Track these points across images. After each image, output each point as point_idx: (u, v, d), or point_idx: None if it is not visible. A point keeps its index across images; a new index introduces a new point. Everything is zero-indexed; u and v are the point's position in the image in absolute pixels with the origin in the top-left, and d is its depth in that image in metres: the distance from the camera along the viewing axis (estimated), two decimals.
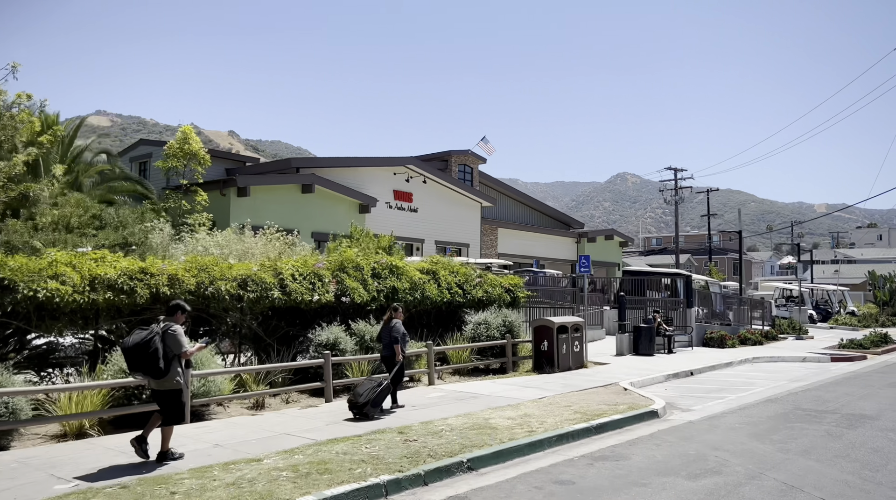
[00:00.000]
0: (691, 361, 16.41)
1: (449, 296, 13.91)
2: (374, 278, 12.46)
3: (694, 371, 14.93)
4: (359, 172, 31.66)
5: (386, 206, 32.73)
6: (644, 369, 14.53)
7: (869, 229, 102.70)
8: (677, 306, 20.85)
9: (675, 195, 61.40)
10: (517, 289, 16.18)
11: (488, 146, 39.86)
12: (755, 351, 19.44)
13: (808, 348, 21.08)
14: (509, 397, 10.51)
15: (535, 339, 13.98)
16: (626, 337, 17.54)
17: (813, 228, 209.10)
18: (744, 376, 14.72)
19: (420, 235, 34.50)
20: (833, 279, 62.93)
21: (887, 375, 14.98)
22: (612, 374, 13.66)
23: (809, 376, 14.83)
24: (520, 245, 43.19)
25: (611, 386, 12.11)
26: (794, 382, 13.74)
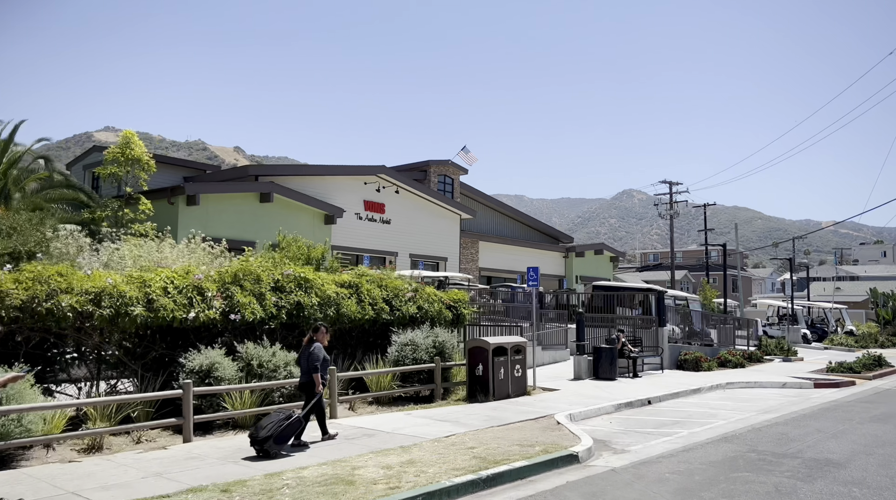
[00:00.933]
0: (655, 387, 14.71)
1: (373, 313, 12.31)
2: (276, 292, 10.90)
3: (652, 400, 13.23)
4: (326, 180, 30.24)
5: (355, 217, 31.23)
6: (596, 397, 12.85)
7: (873, 246, 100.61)
8: (650, 324, 19.17)
9: (671, 209, 59.98)
10: (461, 305, 14.58)
11: (469, 156, 38.44)
12: (732, 375, 17.70)
13: (792, 371, 19.32)
14: (411, 436, 8.88)
15: (470, 362, 12.35)
16: (585, 360, 15.87)
17: (821, 245, 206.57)
18: (709, 405, 13.02)
19: (393, 249, 32.97)
20: (834, 297, 60.97)
21: (872, 405, 13.24)
22: (556, 403, 12.00)
23: (784, 405, 13.12)
24: (503, 259, 41.56)
25: (543, 419, 10.45)
26: (764, 413, 12.04)
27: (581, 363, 15.76)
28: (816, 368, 20.32)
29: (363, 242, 31.31)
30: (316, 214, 28.69)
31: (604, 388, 14.36)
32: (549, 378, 15.56)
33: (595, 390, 14.03)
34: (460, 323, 14.80)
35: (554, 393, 13.34)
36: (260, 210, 26.42)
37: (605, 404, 12.11)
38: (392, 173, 32.51)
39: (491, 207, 43.18)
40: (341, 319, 11.64)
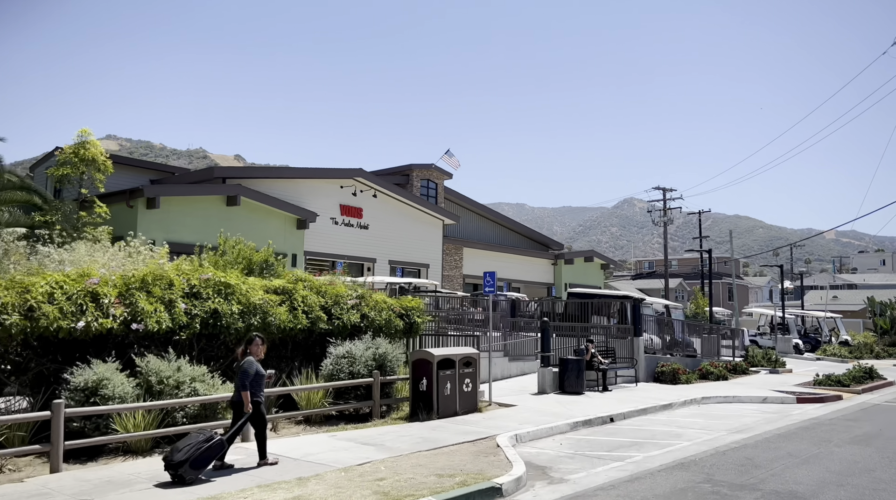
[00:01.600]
0: (622, 402, 13.62)
1: (307, 322, 11.25)
2: (190, 298, 9.85)
3: (616, 417, 12.15)
4: (300, 184, 29.25)
5: (331, 222, 30.21)
6: (554, 414, 11.76)
7: (872, 254, 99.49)
8: (625, 334, 18.09)
9: (664, 216, 59.06)
10: (414, 313, 13.51)
11: (453, 160, 37.46)
12: (711, 389, 16.60)
13: (777, 384, 18.22)
14: (319, 464, 7.81)
15: (414, 376, 11.27)
16: (550, 372, 14.78)
17: (822, 254, 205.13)
18: (677, 423, 11.93)
19: (371, 255, 31.95)
20: (831, 306, 59.78)
21: (856, 424, 12.15)
22: (505, 422, 10.91)
23: (759, 424, 12.03)
24: (489, 266, 40.35)
25: (483, 442, 9.37)
26: (735, 433, 10.96)
27: (545, 376, 14.67)
28: (804, 380, 19.23)
29: (339, 247, 30.29)
30: (287, 218, 27.67)
31: (567, 403, 13.27)
32: (512, 392, 14.48)
33: (556, 405, 12.94)
34: (414, 333, 13.74)
35: (509, 410, 12.25)
36: (227, 214, 25.39)
37: (561, 422, 11.03)
38: (370, 177, 31.54)
39: (477, 213, 42.19)
40: (268, 328, 10.58)
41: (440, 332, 17.49)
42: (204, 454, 7.14)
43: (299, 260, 28.10)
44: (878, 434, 10.93)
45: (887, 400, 16.01)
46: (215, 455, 7.32)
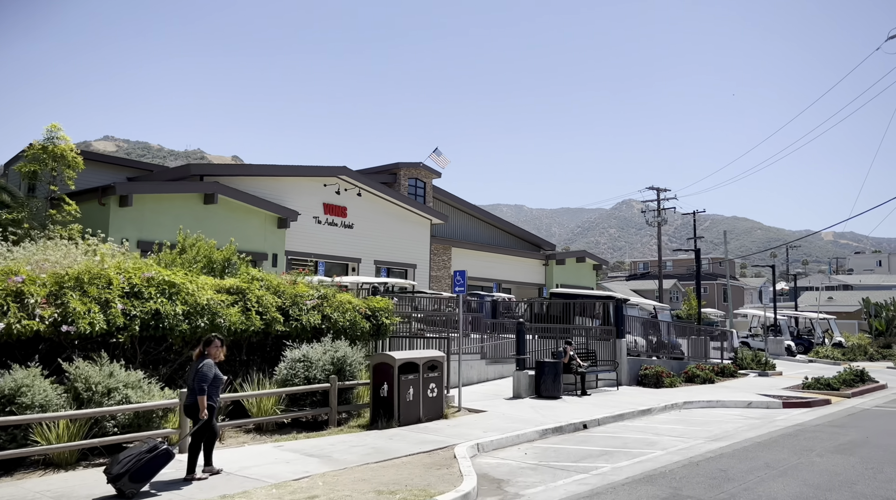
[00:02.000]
0: (600, 407, 13.01)
1: (261, 324, 10.63)
2: (130, 298, 9.23)
3: (590, 423, 11.54)
4: (281, 182, 28.61)
5: (314, 221, 29.57)
6: (524, 421, 11.15)
7: (869, 255, 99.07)
8: (608, 336, 17.49)
9: (658, 216, 58.55)
10: (382, 314, 12.90)
11: (441, 158, 36.89)
12: (695, 393, 16.01)
13: (765, 388, 17.63)
14: (253, 479, 7.19)
15: (374, 381, 10.65)
16: (526, 375, 14.17)
17: (820, 256, 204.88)
18: (654, 430, 11.33)
19: (356, 255, 31.33)
20: (827, 307, 59.28)
21: (842, 431, 11.55)
22: (470, 430, 10.30)
23: (740, 431, 11.43)
24: (478, 267, 39.87)
25: (440, 452, 8.76)
26: (713, 441, 10.36)
27: (521, 380, 14.07)
28: (793, 384, 18.65)
29: (322, 247, 29.66)
30: (267, 216, 27.04)
31: (541, 408, 12.66)
32: (486, 397, 13.87)
33: (529, 411, 12.33)
34: (382, 335, 13.13)
35: (478, 416, 11.64)
36: (204, 212, 24.77)
37: (530, 429, 10.42)
38: (354, 175, 30.90)
39: (467, 213, 41.58)
40: (218, 330, 9.96)
41: (418, 334, 16.90)
42: (146, 465, 6.63)
43: (280, 260, 27.48)
44: (864, 442, 10.34)
45: (878, 405, 15.43)
46: (160, 466, 6.78)
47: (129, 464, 6.55)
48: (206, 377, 7.20)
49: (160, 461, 6.75)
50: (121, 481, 6.49)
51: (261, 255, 26.74)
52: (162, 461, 6.77)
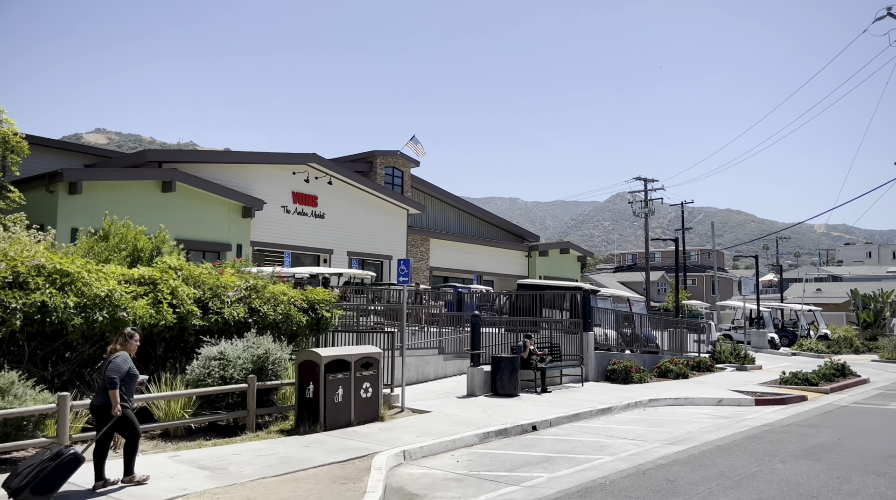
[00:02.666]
0: (556, 406, 12.09)
1: (174, 318, 9.62)
2: (13, 289, 8.21)
3: (541, 424, 10.62)
4: (247, 169, 27.51)
5: (282, 210, 28.52)
6: (467, 423, 10.21)
7: (859, 246, 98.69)
8: (576, 329, 16.56)
9: (645, 207, 57.78)
10: (322, 306, 11.91)
11: (418, 147, 35.78)
12: (665, 389, 15.11)
13: (740, 383, 16.77)
14: (112, 497, 6.24)
15: (301, 381, 9.67)
16: (481, 372, 13.24)
17: (813, 248, 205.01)
18: (610, 432, 10.41)
19: (327, 246, 30.31)
20: (815, 298, 58.72)
21: (812, 432, 10.67)
22: (404, 434, 9.36)
23: (703, 432, 10.53)
24: (458, 258, 38.93)
25: (358, 462, 7.81)
26: (670, 445, 9.45)
27: (475, 377, 13.12)
28: (770, 378, 17.81)
29: (291, 237, 28.63)
30: (231, 205, 25.96)
31: (492, 408, 11.72)
32: (438, 395, 12.93)
33: (478, 411, 11.39)
34: (323, 329, 12.13)
35: (419, 418, 10.69)
36: (162, 201, 23.68)
37: (470, 433, 9.48)
38: (325, 163, 29.81)
39: (447, 203, 40.55)
40: (120, 325, 8.95)
41: (377, 328, 15.94)
42: (50, 475, 5.93)
43: (246, 251, 26.44)
44: (835, 446, 9.45)
45: (856, 401, 14.60)
46: (67, 474, 6.06)
47: (31, 475, 5.86)
48: (119, 371, 6.52)
49: (67, 468, 6.03)
50: (22, 495, 5.79)
51: (224, 246, 25.70)
52: (69, 469, 6.05)
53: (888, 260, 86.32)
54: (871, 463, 8.34)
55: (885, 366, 24.43)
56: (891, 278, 71.60)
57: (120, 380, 6.46)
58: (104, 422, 6.47)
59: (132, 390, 6.73)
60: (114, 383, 6.40)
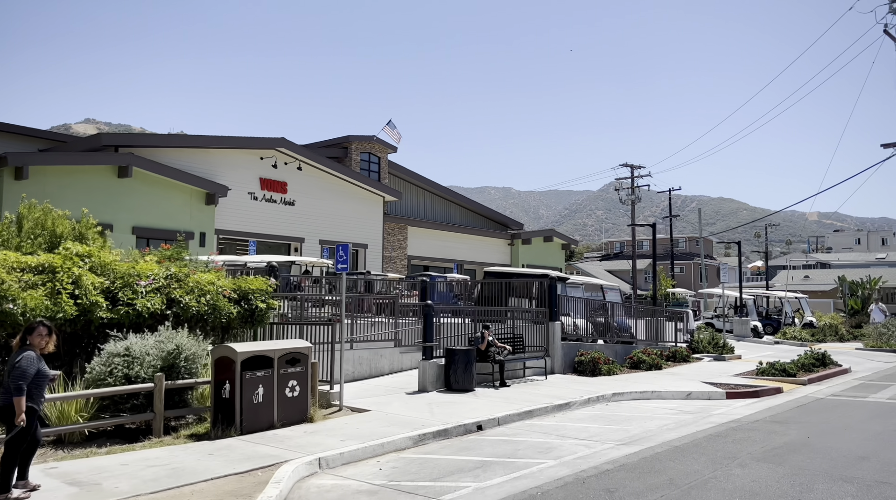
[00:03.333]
0: (511, 402, 11.23)
1: (74, 310, 8.66)
2: None
3: (487, 424, 9.75)
4: (211, 155, 26.44)
5: (249, 197, 27.51)
6: (407, 423, 9.33)
7: (848, 233, 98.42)
8: (544, 318, 15.70)
9: (632, 194, 57.02)
10: (257, 297, 10.98)
11: (395, 132, 34.75)
12: (633, 382, 14.29)
13: (715, 374, 15.99)
14: None
15: (216, 379, 8.73)
16: (434, 366, 12.36)
17: (805, 236, 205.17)
18: (561, 431, 9.57)
19: (298, 234, 29.33)
20: (803, 285, 58.23)
21: (781, 429, 9.85)
22: (330, 438, 8.47)
23: (664, 430, 9.70)
24: (437, 247, 38.01)
25: (261, 472, 6.91)
26: (624, 445, 8.61)
27: (427, 371, 12.24)
28: (748, 369, 17.04)
29: (259, 225, 27.62)
30: (194, 192, 24.93)
31: (440, 405, 10.85)
32: (386, 391, 12.05)
33: (423, 410, 10.51)
34: (258, 322, 11.20)
35: (355, 418, 9.81)
36: (118, 187, 22.63)
37: (405, 434, 8.59)
38: (295, 148, 28.76)
39: (426, 190, 39.55)
40: (8, 319, 8.00)
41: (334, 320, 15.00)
42: None
43: (210, 239, 25.43)
44: (803, 446, 8.63)
45: (834, 393, 13.82)
46: None
47: None
48: (24, 373, 5.96)
49: None
50: None
51: (186, 233, 24.63)
52: None
53: (877, 247, 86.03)
54: (840, 467, 7.52)
55: (870, 354, 23.75)
56: (879, 264, 71.25)
57: (27, 384, 5.95)
58: (11, 428, 5.94)
59: (42, 390, 6.22)
60: (20, 389, 5.89)
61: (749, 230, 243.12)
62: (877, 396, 13.41)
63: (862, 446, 8.60)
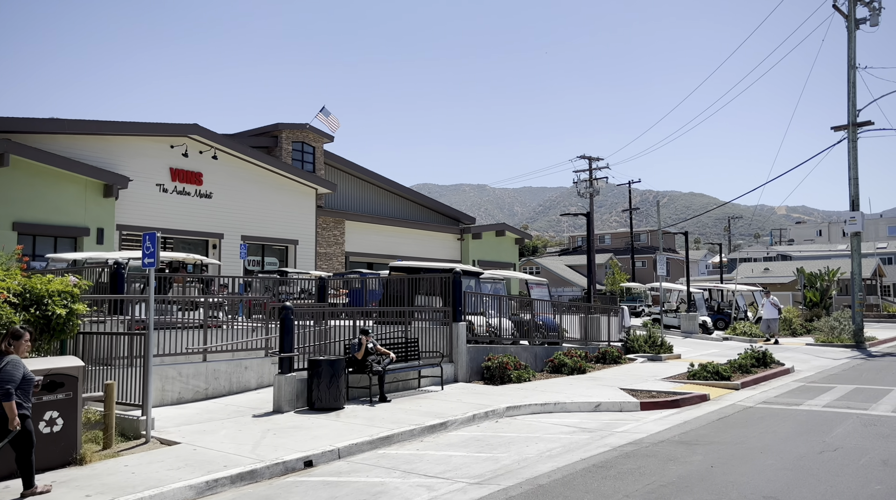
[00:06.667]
0: (378, 423, 9.27)
1: None
2: None
3: (322, 458, 7.75)
4: (113, 142, 23.97)
5: (157, 188, 25.10)
6: (211, 461, 7.30)
7: (810, 225, 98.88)
8: (448, 319, 13.79)
9: (590, 187, 55.83)
10: (58, 301, 8.82)
11: (330, 119, 32.51)
12: (539, 391, 12.43)
13: (641, 378, 14.27)
14: None
15: None
16: (292, 381, 10.34)
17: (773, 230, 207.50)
18: (413, 464, 7.64)
19: (217, 229, 26.98)
20: (762, 278, 57.57)
21: (683, 454, 8.06)
22: (79, 491, 6.42)
23: (542, 458, 7.84)
24: (381, 242, 35.91)
25: None
26: (476, 486, 6.72)
27: (282, 387, 10.21)
28: (681, 371, 15.36)
29: (170, 220, 25.21)
30: (89, 183, 22.47)
31: (279, 433, 8.82)
32: (229, 414, 9.97)
33: (252, 440, 8.46)
34: (60, 333, 9.04)
35: (151, 454, 7.73)
36: None
37: (186, 482, 6.53)
38: (210, 135, 26.38)
39: (368, 182, 37.43)
40: None
41: (210, 324, 12.91)
42: None
43: (110, 235, 23.01)
44: (700, 480, 6.83)
45: (766, 400, 12.18)
46: None
47: None
48: (11, 378, 5.99)
49: None
50: None
51: (81, 230, 22.21)
52: None
53: (838, 239, 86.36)
54: None
55: (819, 350, 22.43)
56: (840, 256, 71.22)
57: (15, 388, 5.98)
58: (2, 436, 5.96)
59: (29, 395, 6.25)
60: (8, 395, 5.91)
61: (720, 224, 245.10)
62: (813, 402, 11.79)
63: (773, 480, 6.84)
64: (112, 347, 9.51)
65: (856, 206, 24.75)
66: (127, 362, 9.56)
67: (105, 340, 9.72)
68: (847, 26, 24.28)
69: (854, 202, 24.78)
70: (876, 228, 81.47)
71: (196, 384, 11.04)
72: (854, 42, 24.13)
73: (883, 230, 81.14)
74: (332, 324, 12.38)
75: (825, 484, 6.62)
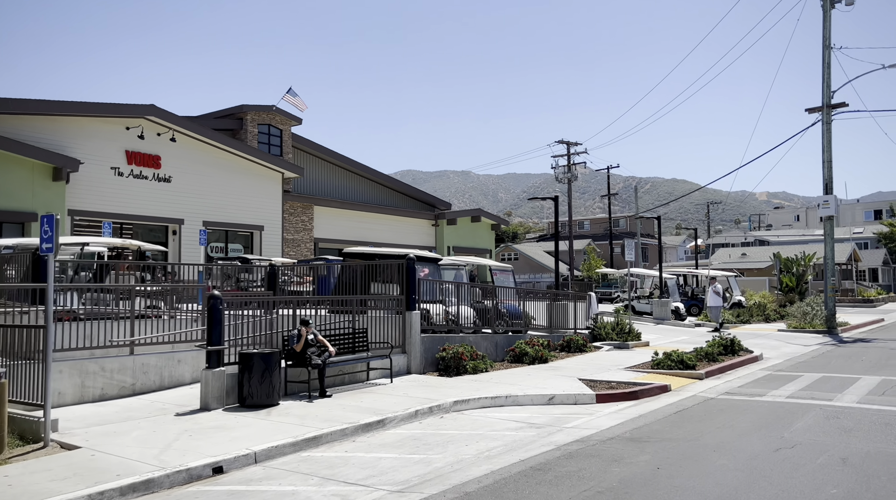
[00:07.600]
0: (309, 422, 8.58)
1: None
2: None
3: (234, 462, 7.02)
4: (64, 123, 22.81)
5: (112, 172, 24.01)
6: (107, 469, 6.56)
7: (787, 210, 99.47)
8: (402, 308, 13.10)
9: (568, 172, 55.45)
10: None
11: (297, 100, 31.40)
12: (493, 383, 11.83)
13: (604, 367, 13.73)
14: None
15: None
16: (221, 376, 9.60)
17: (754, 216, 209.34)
18: (335, 469, 6.97)
19: (177, 214, 25.95)
20: (739, 264, 57.61)
21: (630, 453, 7.47)
22: None
23: (479, 460, 7.22)
24: (351, 228, 35.01)
25: None
26: (396, 494, 6.09)
27: (210, 383, 9.47)
28: (645, 360, 14.86)
29: (126, 205, 24.17)
30: (36, 166, 21.37)
31: (198, 434, 8.09)
32: (154, 412, 9.21)
33: (165, 441, 7.73)
34: None
35: (44, 461, 6.94)
36: None
37: (67, 496, 5.83)
38: (169, 117, 25.28)
39: (338, 166, 36.49)
40: None
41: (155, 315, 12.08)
42: None
43: (60, 221, 21.95)
44: (643, 485, 6.24)
45: (729, 390, 11.69)
46: None
47: None
48: None
49: None
50: None
51: (28, 215, 21.14)
52: None
53: (816, 224, 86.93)
54: None
55: (790, 337, 22.14)
56: (817, 241, 71.58)
57: None
58: None
59: None
60: None
61: (701, 210, 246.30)
62: (777, 392, 11.32)
63: (721, 483, 6.26)
64: (14, 341, 8.68)
65: (829, 189, 24.39)
66: (41, 357, 8.76)
67: (7, 333, 8.88)
68: (822, 5, 23.75)
69: (828, 186, 24.41)
70: (853, 214, 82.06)
71: (122, 379, 10.27)
72: (829, 21, 23.62)
73: (860, 216, 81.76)
74: (282, 314, 11.65)
75: (776, 488, 6.07)
